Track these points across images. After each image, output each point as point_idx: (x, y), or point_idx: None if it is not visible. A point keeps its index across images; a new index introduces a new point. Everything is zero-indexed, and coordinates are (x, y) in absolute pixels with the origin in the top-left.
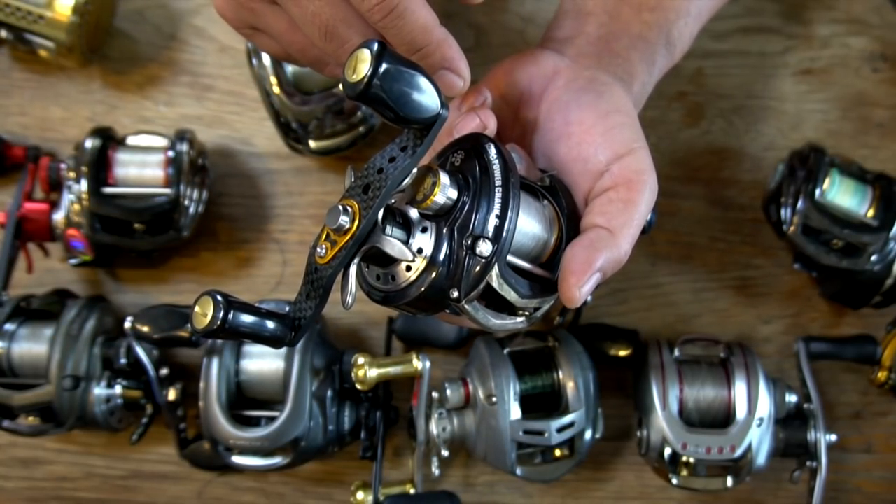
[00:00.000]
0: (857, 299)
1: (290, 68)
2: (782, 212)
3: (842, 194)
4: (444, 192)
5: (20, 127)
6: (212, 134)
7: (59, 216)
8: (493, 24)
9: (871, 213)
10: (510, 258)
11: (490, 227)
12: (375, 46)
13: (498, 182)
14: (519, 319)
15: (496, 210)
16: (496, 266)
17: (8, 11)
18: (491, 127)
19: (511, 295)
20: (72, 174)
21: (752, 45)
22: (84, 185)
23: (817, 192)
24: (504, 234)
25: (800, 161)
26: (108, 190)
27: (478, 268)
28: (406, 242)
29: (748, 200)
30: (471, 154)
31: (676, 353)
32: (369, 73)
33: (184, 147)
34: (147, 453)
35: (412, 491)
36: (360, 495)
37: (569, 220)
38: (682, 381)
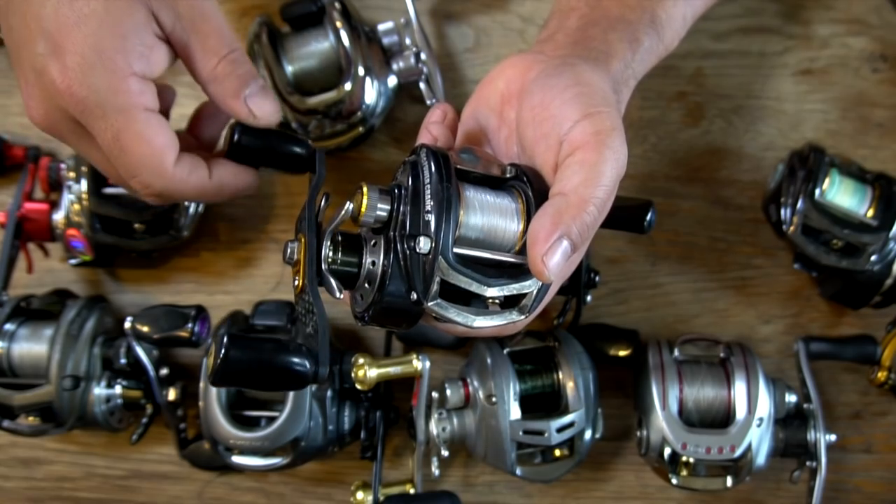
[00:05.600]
0: (857, 299)
1: (289, 68)
2: (782, 212)
3: (841, 194)
4: (373, 208)
5: (20, 127)
6: None
7: (59, 216)
8: (493, 24)
9: (870, 213)
10: (465, 251)
11: (423, 224)
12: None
13: (427, 181)
14: (507, 313)
15: (428, 206)
16: (443, 259)
17: None
18: (442, 139)
19: (473, 285)
20: (72, 174)
21: (752, 45)
22: (84, 185)
23: (817, 192)
24: (441, 224)
25: (799, 161)
26: (109, 190)
27: (425, 264)
28: (359, 262)
29: (748, 200)
30: (406, 165)
31: (676, 353)
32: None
33: None
34: (147, 453)
35: (412, 491)
36: (360, 495)
37: (536, 202)
38: (682, 381)
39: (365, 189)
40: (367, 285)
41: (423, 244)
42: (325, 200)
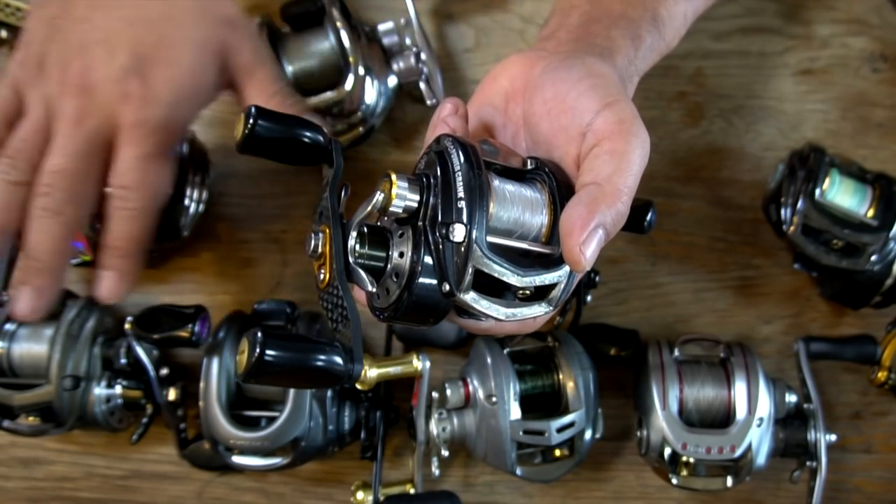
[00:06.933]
0: (857, 299)
1: (289, 68)
2: (782, 212)
3: (842, 194)
4: (402, 197)
5: None
6: (212, 134)
7: None
8: (493, 24)
9: (870, 213)
10: (496, 240)
11: (456, 212)
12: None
13: (457, 168)
14: (535, 305)
15: (459, 193)
16: (477, 247)
17: (8, 11)
18: (459, 131)
19: (506, 274)
20: None
21: (752, 45)
22: None
23: (817, 192)
24: (474, 212)
25: (800, 161)
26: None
27: (458, 253)
28: (387, 255)
29: (748, 200)
30: (431, 154)
31: (676, 353)
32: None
33: (184, 147)
34: (147, 453)
35: (412, 491)
36: (360, 495)
37: (561, 194)
38: (682, 381)
39: (394, 178)
40: (393, 278)
41: (458, 232)
42: (344, 192)
